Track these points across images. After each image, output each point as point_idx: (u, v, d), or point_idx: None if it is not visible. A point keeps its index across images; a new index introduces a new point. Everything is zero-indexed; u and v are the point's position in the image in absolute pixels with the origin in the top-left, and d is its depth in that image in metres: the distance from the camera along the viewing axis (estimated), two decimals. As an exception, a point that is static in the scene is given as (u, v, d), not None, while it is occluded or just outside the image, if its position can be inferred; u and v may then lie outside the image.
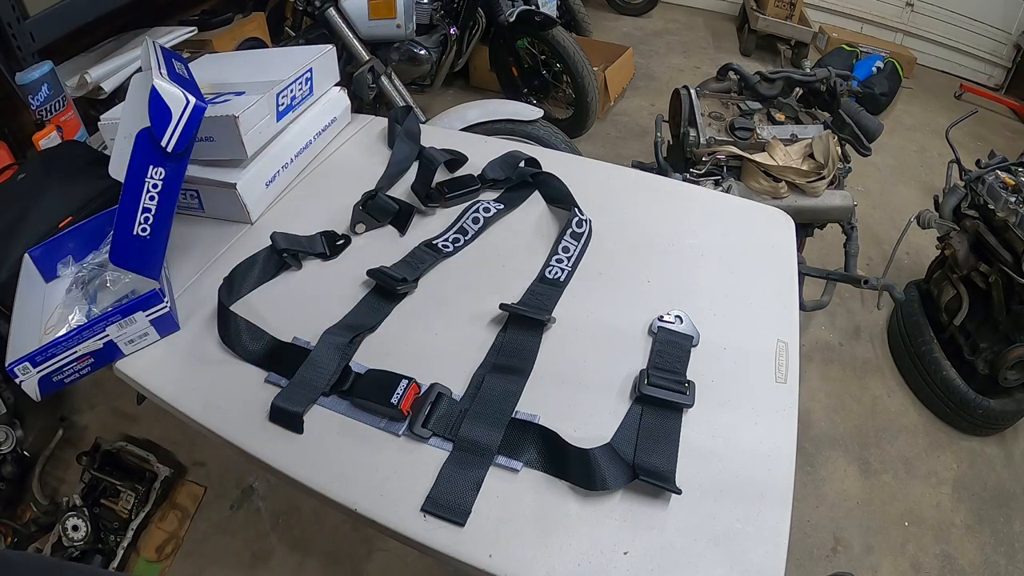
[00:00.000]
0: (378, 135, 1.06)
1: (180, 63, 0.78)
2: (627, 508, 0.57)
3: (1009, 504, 1.52)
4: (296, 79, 0.92)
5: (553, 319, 0.73)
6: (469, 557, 0.54)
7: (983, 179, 1.52)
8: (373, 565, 1.34)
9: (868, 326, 1.95)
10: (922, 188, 2.54)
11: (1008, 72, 3.31)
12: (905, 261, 2.14)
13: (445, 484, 0.58)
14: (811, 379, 1.77)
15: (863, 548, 1.41)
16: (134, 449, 1.43)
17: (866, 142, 1.45)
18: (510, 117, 1.61)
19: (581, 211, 0.87)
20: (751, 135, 1.46)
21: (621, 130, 2.77)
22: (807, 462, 1.56)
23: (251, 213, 0.88)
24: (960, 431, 1.66)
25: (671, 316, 0.73)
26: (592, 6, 3.59)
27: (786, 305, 0.77)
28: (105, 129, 0.87)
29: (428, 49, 2.16)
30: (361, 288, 0.77)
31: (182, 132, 0.68)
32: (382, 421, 0.63)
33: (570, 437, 0.60)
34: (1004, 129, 3.04)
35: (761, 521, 0.56)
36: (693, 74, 3.22)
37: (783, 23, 3.26)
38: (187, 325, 0.74)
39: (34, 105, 1.12)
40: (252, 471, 1.47)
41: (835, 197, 1.46)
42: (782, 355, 0.71)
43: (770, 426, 0.64)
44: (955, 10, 3.31)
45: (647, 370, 0.66)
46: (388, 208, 0.88)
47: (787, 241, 0.86)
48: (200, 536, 1.38)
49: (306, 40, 1.93)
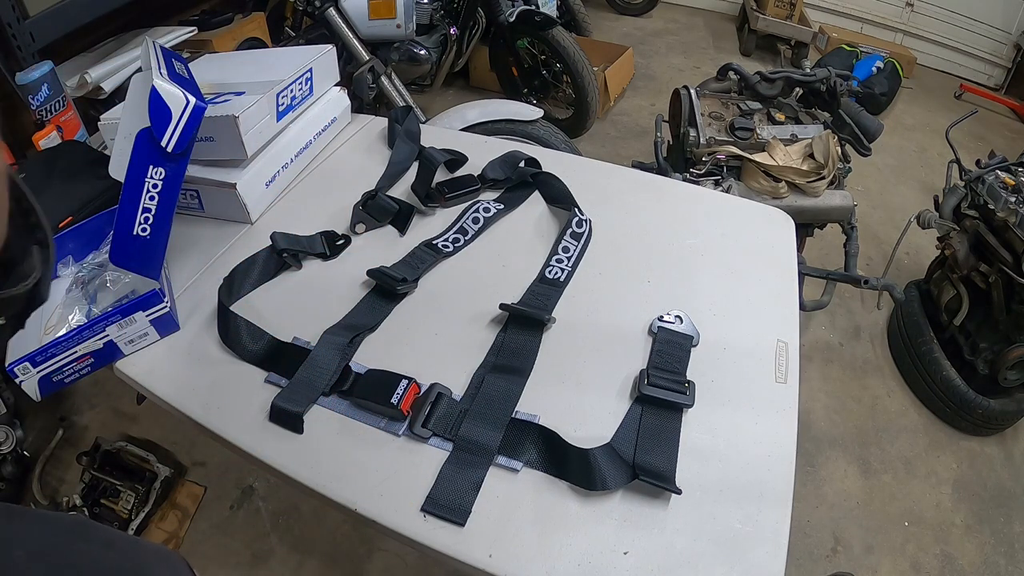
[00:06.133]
0: (378, 135, 1.06)
1: (180, 63, 0.78)
2: (627, 508, 0.57)
3: (1009, 504, 1.51)
4: (296, 79, 0.92)
5: (553, 319, 0.73)
6: (469, 557, 0.54)
7: (983, 179, 1.52)
8: (373, 565, 1.34)
9: (868, 326, 1.95)
10: (922, 188, 2.54)
11: (1008, 72, 3.31)
12: (905, 261, 2.14)
13: (445, 484, 0.58)
14: (811, 379, 1.77)
15: (863, 548, 1.41)
16: (134, 449, 1.43)
17: (866, 142, 1.45)
18: (510, 117, 1.61)
19: (581, 211, 0.87)
20: (751, 135, 1.46)
21: (621, 130, 2.77)
22: (807, 462, 1.56)
23: (251, 213, 0.88)
24: (960, 431, 1.66)
25: (671, 316, 0.73)
26: (592, 6, 3.58)
27: (786, 305, 0.77)
28: (105, 129, 0.87)
29: (428, 49, 2.17)
30: (361, 288, 0.77)
31: (182, 132, 0.68)
32: (382, 421, 0.63)
33: (570, 437, 0.60)
34: (1004, 129, 3.04)
35: (761, 521, 0.56)
36: (693, 74, 3.22)
37: (783, 23, 3.26)
38: (187, 325, 0.74)
39: (34, 105, 1.12)
40: (252, 471, 1.47)
41: (835, 197, 1.46)
42: (782, 355, 0.71)
43: (770, 426, 0.64)
44: (955, 10, 3.31)
45: (647, 370, 0.66)
46: (388, 208, 0.88)
47: (787, 241, 0.86)
48: (200, 536, 1.38)
49: (306, 40, 1.93)
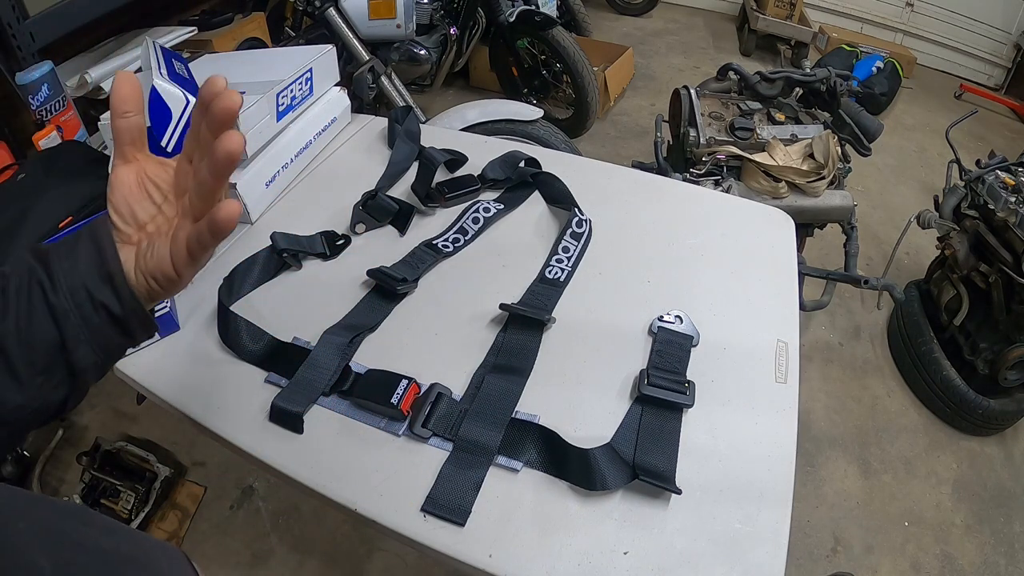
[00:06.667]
0: (378, 135, 1.06)
1: (180, 63, 0.78)
2: (627, 508, 0.57)
3: (1009, 504, 1.52)
4: (296, 79, 0.92)
5: (553, 319, 0.73)
6: (469, 557, 0.54)
7: (983, 179, 1.52)
8: (373, 565, 1.34)
9: (868, 326, 1.95)
10: (922, 188, 2.54)
11: (1008, 72, 3.31)
12: (905, 261, 2.14)
13: (445, 484, 0.58)
14: (811, 379, 1.77)
15: (863, 548, 1.41)
16: (134, 449, 1.43)
17: (866, 142, 1.45)
18: (510, 117, 1.61)
19: (581, 211, 0.87)
20: (751, 135, 1.46)
21: (621, 130, 2.77)
22: (807, 462, 1.56)
23: (251, 213, 0.88)
24: (960, 431, 1.66)
25: (671, 316, 0.73)
26: (592, 6, 3.59)
27: (786, 305, 0.77)
28: (105, 129, 0.87)
29: (428, 49, 2.17)
30: (361, 288, 0.77)
31: (182, 132, 0.68)
32: (382, 421, 0.63)
33: (570, 437, 0.60)
34: (1004, 129, 3.04)
35: (761, 521, 0.56)
36: (693, 74, 3.22)
37: (783, 23, 3.26)
38: (187, 325, 0.74)
39: (34, 105, 1.12)
40: (252, 471, 1.47)
41: (835, 197, 1.46)
42: (782, 355, 0.71)
43: (770, 426, 0.64)
44: (955, 10, 3.31)
45: (647, 370, 0.66)
46: (388, 208, 0.88)
47: (787, 241, 0.86)
48: (200, 536, 1.38)
49: (306, 40, 1.93)
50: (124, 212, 0.41)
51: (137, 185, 0.42)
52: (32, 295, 0.38)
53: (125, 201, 0.41)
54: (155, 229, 0.42)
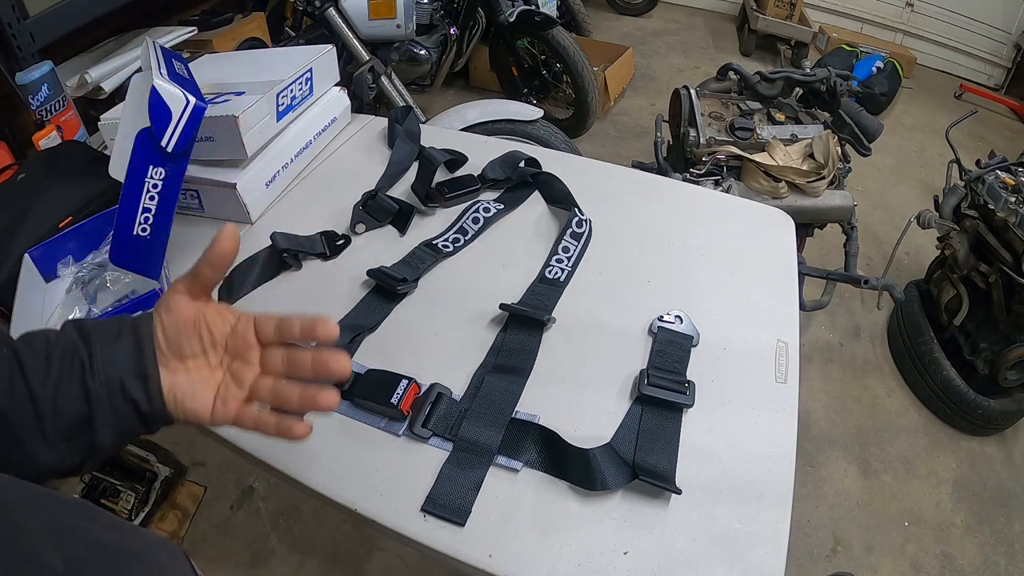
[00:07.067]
0: (378, 135, 1.06)
1: (180, 63, 0.78)
2: (627, 508, 0.57)
3: (1009, 504, 1.52)
4: (296, 79, 0.92)
5: (553, 319, 0.73)
6: (469, 557, 0.54)
7: (983, 179, 1.52)
8: (373, 565, 1.34)
9: (868, 326, 1.95)
10: (922, 188, 2.54)
11: (1008, 72, 3.31)
12: (905, 261, 2.15)
13: (445, 484, 0.58)
14: (811, 379, 1.77)
15: (863, 548, 1.41)
16: (134, 449, 1.43)
17: (866, 142, 1.45)
18: (510, 117, 1.61)
19: (581, 211, 0.87)
20: (751, 135, 1.46)
21: (621, 130, 2.77)
22: (807, 462, 1.56)
23: (251, 213, 0.88)
24: (960, 431, 1.66)
25: (671, 316, 0.73)
26: (592, 6, 3.59)
27: (786, 305, 0.77)
28: (105, 129, 0.87)
29: (428, 49, 2.17)
30: (361, 288, 0.77)
31: (182, 132, 0.68)
32: (382, 421, 0.63)
33: (570, 437, 0.60)
34: (1004, 129, 3.04)
35: (761, 521, 0.56)
36: (693, 74, 3.22)
37: (783, 23, 3.26)
38: (187, 325, 0.74)
39: (34, 105, 1.12)
40: (252, 471, 1.47)
41: (835, 197, 1.46)
42: (782, 355, 0.71)
43: (770, 426, 0.64)
44: (955, 10, 3.31)
45: (647, 370, 0.66)
46: (388, 208, 0.88)
47: (787, 241, 0.86)
48: (200, 536, 1.38)
49: (306, 40, 1.93)
50: (171, 337, 0.43)
51: (193, 322, 0.44)
52: (72, 371, 0.40)
53: (176, 328, 0.43)
54: (194, 367, 0.44)
